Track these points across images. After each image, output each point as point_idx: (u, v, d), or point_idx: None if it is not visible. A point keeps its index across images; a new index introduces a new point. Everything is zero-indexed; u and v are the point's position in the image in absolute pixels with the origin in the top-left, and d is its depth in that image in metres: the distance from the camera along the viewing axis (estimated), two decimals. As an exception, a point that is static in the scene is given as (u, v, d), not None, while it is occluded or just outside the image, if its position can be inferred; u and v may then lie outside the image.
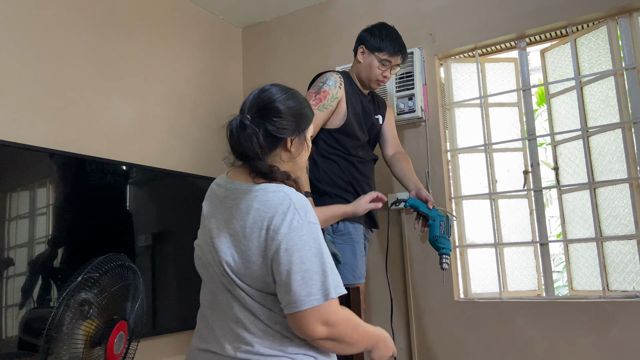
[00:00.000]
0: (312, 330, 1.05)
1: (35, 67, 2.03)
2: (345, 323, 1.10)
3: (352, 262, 1.91)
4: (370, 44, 2.01)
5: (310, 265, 1.05)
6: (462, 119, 2.55)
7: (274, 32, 3.08)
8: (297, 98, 1.23)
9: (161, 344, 2.36)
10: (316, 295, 1.04)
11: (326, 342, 1.09)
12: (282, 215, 1.07)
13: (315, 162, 1.97)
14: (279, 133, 1.17)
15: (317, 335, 1.06)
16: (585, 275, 2.22)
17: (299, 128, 1.21)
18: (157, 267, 2.30)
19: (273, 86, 1.23)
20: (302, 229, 1.07)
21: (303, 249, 1.05)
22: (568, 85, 2.33)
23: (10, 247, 1.76)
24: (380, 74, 2.02)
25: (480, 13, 2.41)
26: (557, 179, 2.35)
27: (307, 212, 1.10)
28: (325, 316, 1.05)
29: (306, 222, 1.08)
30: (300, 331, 1.06)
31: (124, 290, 1.70)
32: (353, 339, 1.13)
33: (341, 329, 1.09)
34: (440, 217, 1.87)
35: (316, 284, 1.05)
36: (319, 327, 1.05)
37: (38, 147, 1.90)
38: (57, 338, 1.46)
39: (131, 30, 2.47)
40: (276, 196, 1.11)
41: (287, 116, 1.18)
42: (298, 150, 1.22)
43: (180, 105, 2.69)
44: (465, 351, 2.27)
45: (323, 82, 1.95)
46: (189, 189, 2.56)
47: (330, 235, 1.91)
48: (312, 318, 1.04)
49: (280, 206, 1.08)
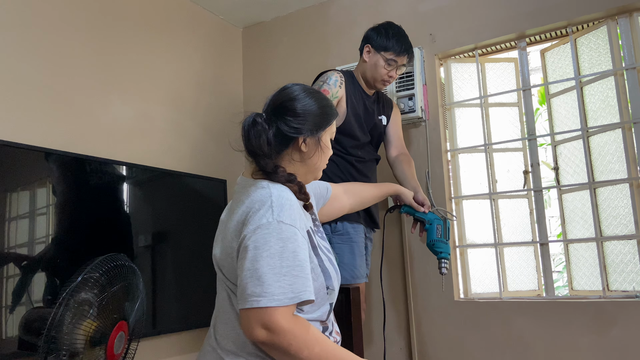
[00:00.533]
0: (250, 330, 1.02)
1: (35, 67, 2.03)
2: (291, 335, 1.01)
3: (350, 262, 1.91)
4: (377, 43, 2.00)
5: (262, 265, 1.01)
6: (462, 119, 2.55)
7: (274, 32, 3.08)
8: (317, 98, 1.22)
9: (161, 344, 2.36)
10: (258, 296, 1.00)
11: (267, 347, 1.04)
12: (256, 212, 1.07)
13: None
14: (290, 132, 1.16)
15: (255, 337, 1.02)
16: (585, 275, 2.22)
17: (314, 129, 1.19)
18: (157, 267, 2.30)
19: (295, 85, 1.23)
20: (269, 227, 1.04)
21: (261, 247, 1.02)
22: (568, 85, 2.33)
23: (11, 247, 1.76)
24: (386, 73, 2.01)
25: (480, 13, 2.41)
26: (557, 179, 2.35)
27: (281, 211, 1.06)
28: (266, 320, 0.99)
29: (275, 221, 1.05)
30: (243, 329, 1.05)
31: (124, 290, 1.70)
32: (302, 355, 1.03)
33: (284, 339, 1.01)
34: (437, 220, 1.83)
35: (263, 285, 1.00)
36: (258, 329, 1.00)
37: (38, 147, 1.90)
38: (57, 338, 1.46)
39: (131, 30, 2.47)
40: (260, 192, 1.11)
41: (302, 115, 1.17)
42: (311, 151, 1.21)
43: (180, 105, 2.69)
44: (465, 351, 2.27)
45: (324, 81, 1.95)
46: (189, 189, 2.56)
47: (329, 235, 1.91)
48: (252, 318, 1.01)
49: (258, 202, 1.09)
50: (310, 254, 1.13)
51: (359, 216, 1.97)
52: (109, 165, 2.16)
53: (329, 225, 1.90)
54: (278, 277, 1.01)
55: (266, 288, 1.00)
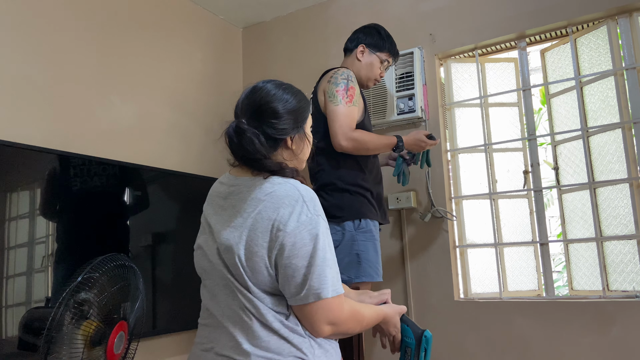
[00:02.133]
0: (316, 326, 1.06)
1: (35, 67, 2.03)
2: (349, 321, 1.10)
3: (375, 259, 1.91)
4: (372, 43, 2.04)
5: (316, 260, 1.05)
6: (462, 119, 2.55)
7: (274, 32, 3.08)
8: (291, 92, 1.19)
9: (161, 344, 2.36)
10: (319, 290, 1.04)
11: (330, 337, 1.11)
12: (290, 208, 1.05)
13: (335, 158, 1.96)
14: (278, 134, 1.14)
15: (321, 333, 1.08)
16: (585, 275, 2.22)
17: (297, 125, 1.18)
18: (156, 267, 2.30)
19: (266, 83, 1.19)
20: (311, 223, 1.05)
21: (308, 244, 1.05)
22: (568, 85, 2.33)
23: (11, 247, 1.76)
24: (379, 73, 2.08)
25: (480, 13, 2.41)
26: (557, 179, 2.35)
27: (315, 205, 1.09)
28: (330, 316, 1.06)
29: (315, 215, 1.07)
30: (306, 325, 1.08)
31: (124, 290, 1.70)
32: (356, 330, 1.14)
33: (344, 327, 1.10)
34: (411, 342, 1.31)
35: (320, 278, 1.04)
36: (324, 325, 1.07)
37: (38, 147, 1.90)
38: (57, 338, 1.46)
39: (131, 30, 2.47)
40: (283, 188, 1.09)
41: (285, 115, 1.14)
42: (300, 147, 1.20)
43: (180, 105, 2.69)
44: (465, 351, 2.27)
45: (346, 78, 1.94)
46: (189, 189, 2.56)
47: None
48: (316, 314, 1.05)
49: (287, 198, 1.07)
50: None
51: (377, 213, 1.98)
52: (108, 165, 2.16)
53: (352, 222, 1.89)
54: (331, 270, 1.06)
55: (324, 281, 1.04)
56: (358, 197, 1.92)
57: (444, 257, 2.38)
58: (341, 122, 1.86)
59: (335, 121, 1.87)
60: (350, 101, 1.90)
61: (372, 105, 2.57)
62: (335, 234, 1.88)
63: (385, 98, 2.54)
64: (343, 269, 1.86)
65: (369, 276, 1.87)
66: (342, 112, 1.87)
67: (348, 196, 1.91)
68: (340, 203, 1.90)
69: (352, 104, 1.90)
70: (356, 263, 1.86)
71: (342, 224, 1.88)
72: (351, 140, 1.86)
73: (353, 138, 1.86)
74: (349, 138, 1.86)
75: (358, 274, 1.86)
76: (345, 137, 1.85)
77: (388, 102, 2.52)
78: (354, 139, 1.87)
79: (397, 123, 2.53)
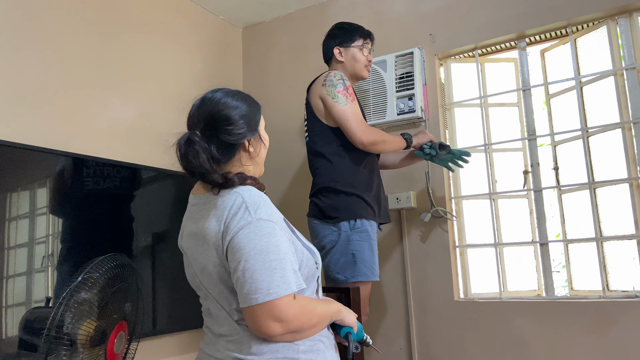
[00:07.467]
0: (265, 327, 1.04)
1: (35, 67, 2.03)
2: (300, 316, 1.08)
3: (370, 259, 1.92)
4: (342, 40, 2.10)
5: (253, 264, 1.04)
6: (462, 119, 2.55)
7: (274, 32, 3.08)
8: (241, 97, 1.22)
9: (161, 344, 2.36)
10: (255, 293, 1.03)
11: (284, 336, 1.08)
12: (233, 215, 1.08)
13: (330, 161, 1.98)
14: (235, 140, 1.16)
15: (269, 332, 1.05)
16: (585, 275, 2.22)
17: (252, 128, 1.20)
18: (157, 267, 2.30)
19: (214, 93, 1.21)
20: (250, 227, 1.06)
21: (247, 247, 1.05)
22: (568, 85, 2.33)
23: (11, 247, 1.76)
24: (365, 58, 2.10)
25: (480, 13, 2.41)
26: (557, 179, 2.35)
27: (257, 209, 1.08)
28: (277, 313, 1.03)
29: (255, 219, 1.07)
30: (255, 329, 1.06)
31: (124, 290, 1.70)
32: (311, 324, 1.13)
33: (297, 323, 1.07)
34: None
35: (258, 282, 1.03)
36: (272, 323, 1.04)
37: (38, 147, 1.90)
38: (57, 338, 1.46)
39: (131, 30, 2.47)
40: (229, 198, 1.11)
41: (239, 120, 1.17)
42: (257, 148, 1.23)
43: (180, 105, 2.68)
44: (465, 351, 2.27)
45: (340, 78, 1.98)
46: (189, 189, 2.55)
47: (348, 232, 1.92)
48: (261, 315, 1.04)
49: (232, 206, 1.09)
50: (292, 238, 1.17)
51: (374, 213, 1.98)
52: (108, 166, 2.16)
53: (348, 222, 1.90)
54: (270, 271, 1.04)
55: (260, 284, 1.03)
56: (353, 198, 1.93)
57: (443, 257, 2.38)
58: (356, 120, 1.91)
59: (350, 120, 1.91)
60: (353, 99, 1.95)
61: (372, 105, 2.57)
62: (331, 235, 1.92)
63: (385, 98, 2.54)
64: (339, 268, 1.89)
65: (365, 276, 1.88)
66: (351, 111, 1.92)
67: (344, 197, 1.93)
68: (336, 204, 1.92)
69: (355, 102, 1.96)
70: (352, 263, 1.88)
71: (338, 224, 1.91)
72: (370, 135, 1.92)
73: (372, 132, 1.93)
74: (368, 133, 1.91)
75: (354, 274, 1.88)
76: (363, 133, 1.91)
77: (388, 102, 2.52)
78: (373, 133, 1.93)
79: (397, 123, 2.53)
